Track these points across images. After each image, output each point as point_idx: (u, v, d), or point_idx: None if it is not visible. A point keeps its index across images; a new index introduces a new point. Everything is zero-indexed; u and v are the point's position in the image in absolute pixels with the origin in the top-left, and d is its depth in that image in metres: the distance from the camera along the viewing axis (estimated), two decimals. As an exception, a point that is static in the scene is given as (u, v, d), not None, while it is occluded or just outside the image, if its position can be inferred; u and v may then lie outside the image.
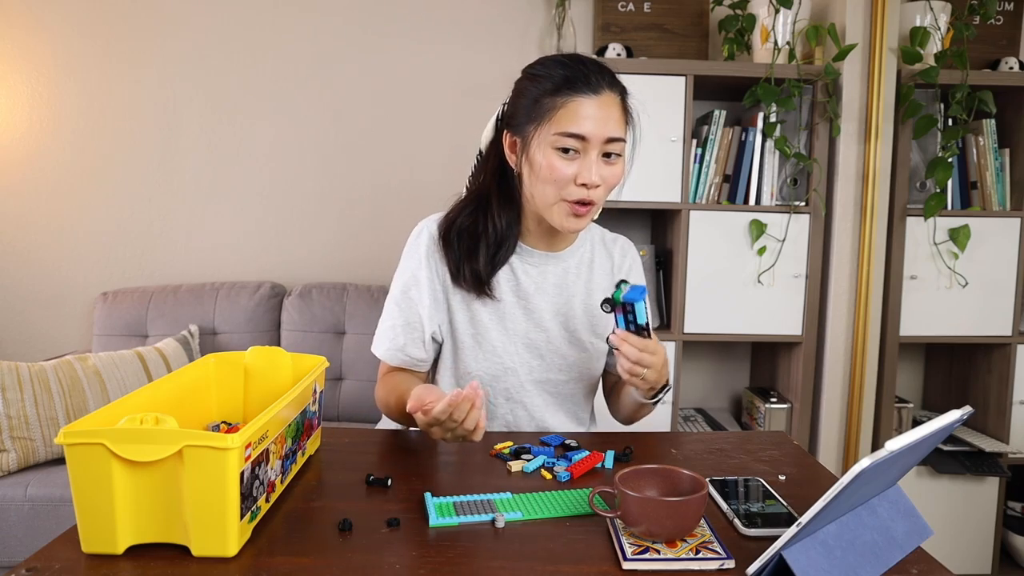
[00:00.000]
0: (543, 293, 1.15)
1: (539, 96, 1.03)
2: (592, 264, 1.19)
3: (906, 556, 0.70)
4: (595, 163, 1.01)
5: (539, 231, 1.14)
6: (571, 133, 1.00)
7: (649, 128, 1.97)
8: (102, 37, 2.35)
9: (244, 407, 0.99)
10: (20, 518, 1.67)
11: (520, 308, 1.14)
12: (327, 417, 2.20)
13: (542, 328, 1.14)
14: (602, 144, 1.01)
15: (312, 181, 2.43)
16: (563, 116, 1.01)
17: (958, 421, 0.68)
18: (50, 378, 1.79)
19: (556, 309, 1.15)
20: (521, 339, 1.14)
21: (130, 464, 0.67)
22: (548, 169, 1.02)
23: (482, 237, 1.10)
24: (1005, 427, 2.10)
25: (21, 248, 2.40)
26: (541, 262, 1.15)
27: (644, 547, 0.70)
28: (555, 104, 1.01)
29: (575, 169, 1.02)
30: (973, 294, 2.06)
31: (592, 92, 1.01)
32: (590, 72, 1.02)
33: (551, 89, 1.02)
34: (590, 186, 1.02)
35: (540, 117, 1.02)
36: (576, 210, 1.04)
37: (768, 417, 2.12)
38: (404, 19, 2.38)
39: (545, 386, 1.16)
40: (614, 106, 1.03)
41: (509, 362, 1.14)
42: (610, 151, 1.03)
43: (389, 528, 0.76)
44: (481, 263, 1.09)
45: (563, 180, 1.02)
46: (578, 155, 1.02)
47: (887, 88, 1.96)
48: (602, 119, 1.01)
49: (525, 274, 1.14)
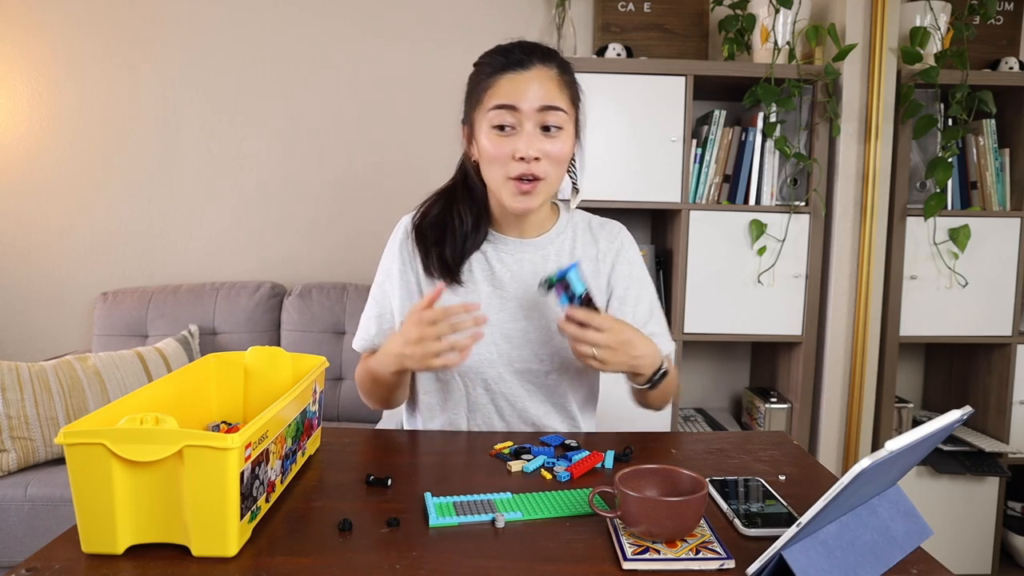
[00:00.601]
0: (519, 281, 1.14)
1: (478, 82, 1.07)
2: (574, 252, 1.18)
3: (906, 556, 0.70)
4: (531, 135, 1.03)
5: (508, 218, 1.15)
6: (501, 105, 1.03)
7: (649, 128, 2.00)
8: (102, 37, 2.35)
9: (244, 407, 0.99)
10: (20, 518, 1.67)
11: (496, 298, 1.14)
12: (327, 417, 2.20)
13: (518, 318, 1.14)
14: (536, 114, 1.03)
15: (312, 181, 2.43)
16: (494, 93, 1.04)
17: (958, 421, 0.68)
18: (50, 378, 1.79)
19: (534, 298, 1.14)
20: (498, 329, 1.13)
21: (130, 464, 0.67)
22: (488, 148, 1.05)
23: (449, 226, 1.13)
24: (1005, 427, 2.10)
25: (21, 248, 2.40)
26: (516, 250, 1.16)
27: (644, 547, 0.70)
28: (489, 84, 1.05)
29: (513, 143, 1.03)
30: (973, 294, 2.06)
31: (521, 67, 1.04)
32: (521, 51, 1.05)
33: (488, 73, 1.06)
34: (528, 159, 1.03)
35: (479, 102, 1.06)
36: (521, 187, 1.05)
37: (768, 417, 2.12)
38: (404, 19, 2.38)
39: (526, 376, 1.15)
40: (547, 79, 1.04)
41: (486, 352, 1.13)
42: (548, 123, 1.04)
43: (389, 528, 0.76)
44: (448, 252, 1.12)
45: (503, 157, 1.04)
46: (515, 131, 1.03)
47: (887, 88, 1.96)
48: (532, 90, 1.03)
49: (500, 262, 1.15)
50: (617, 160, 2.00)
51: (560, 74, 1.06)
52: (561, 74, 1.06)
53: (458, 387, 1.16)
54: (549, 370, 1.15)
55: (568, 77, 1.08)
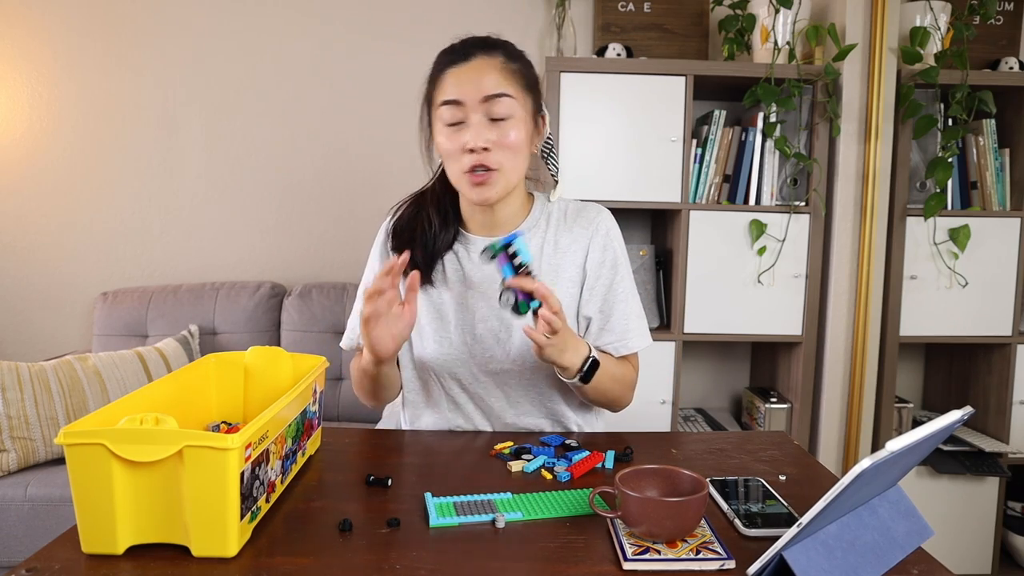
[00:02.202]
0: (489, 281, 1.12)
1: (428, 83, 1.09)
2: (555, 245, 1.14)
3: (906, 556, 0.70)
4: (477, 126, 1.02)
5: (477, 217, 1.15)
6: (446, 101, 1.03)
7: (649, 128, 2.00)
8: (102, 37, 2.35)
9: (244, 407, 0.99)
10: (20, 518, 1.67)
11: (470, 297, 1.13)
12: (327, 417, 2.20)
13: (491, 316, 1.12)
14: (481, 105, 1.02)
15: (312, 181, 2.43)
16: (441, 91, 1.05)
17: (958, 421, 0.68)
18: (50, 378, 1.79)
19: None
20: (470, 329, 1.13)
21: (130, 464, 0.67)
22: (444, 144, 1.05)
23: (419, 229, 1.14)
24: (1005, 427, 2.10)
25: (21, 248, 2.40)
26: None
27: (644, 547, 0.70)
28: (436, 84, 1.06)
29: (463, 138, 1.03)
30: (973, 294, 2.06)
31: (462, 60, 1.04)
32: (463, 45, 1.06)
33: (435, 73, 1.08)
34: (477, 150, 1.02)
35: (431, 102, 1.08)
36: (474, 178, 1.04)
37: (768, 417, 2.12)
38: (404, 21, 2.38)
39: (501, 376, 1.13)
40: (489, 68, 1.03)
41: (456, 352, 1.13)
42: (495, 113, 1.02)
43: (389, 528, 0.76)
44: (419, 254, 1.12)
45: (455, 151, 1.04)
46: (463, 124, 1.03)
47: (887, 88, 1.96)
48: (473, 80, 1.02)
49: (469, 262, 1.14)
50: (617, 160, 2.00)
51: (505, 61, 1.05)
52: (507, 61, 1.05)
53: (436, 386, 1.17)
54: (523, 369, 1.12)
55: (516, 64, 1.06)
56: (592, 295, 1.14)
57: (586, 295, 1.14)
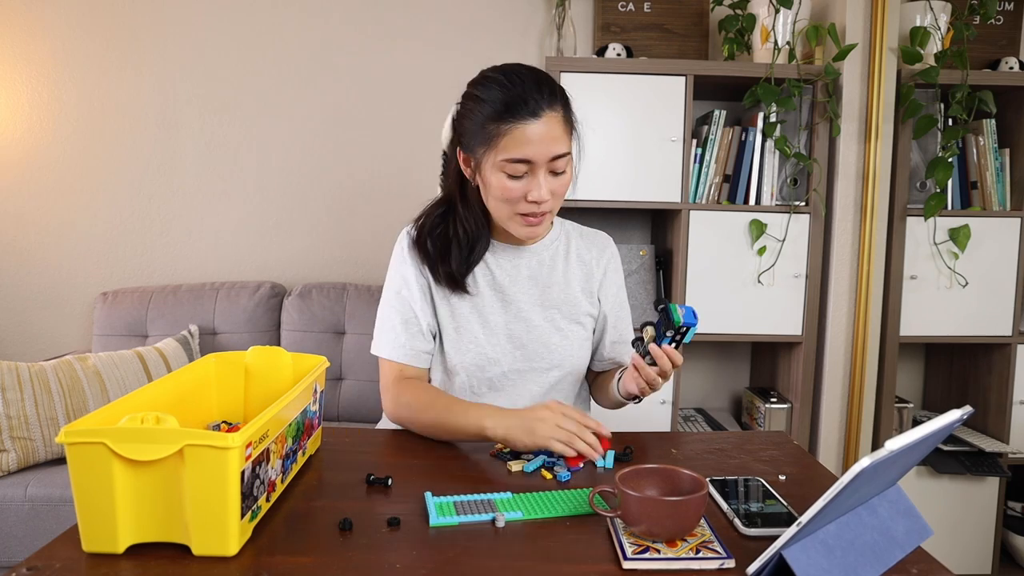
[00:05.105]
0: (518, 285, 1.20)
1: (484, 122, 1.04)
2: (568, 255, 1.25)
3: (906, 556, 0.70)
4: (543, 181, 1.06)
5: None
6: (517, 159, 1.03)
7: (649, 128, 2.00)
8: (102, 37, 2.35)
9: (244, 407, 0.99)
10: (20, 518, 1.67)
11: (498, 301, 1.19)
12: (327, 417, 2.20)
13: (520, 319, 1.19)
14: (548, 163, 1.05)
15: (312, 181, 2.43)
16: (508, 144, 1.03)
17: (958, 421, 0.68)
18: (50, 378, 1.79)
19: (533, 300, 1.20)
20: (502, 331, 1.19)
21: (131, 463, 0.67)
22: (499, 190, 1.07)
23: (453, 240, 1.16)
24: (1005, 427, 2.10)
25: (21, 248, 2.40)
26: (514, 256, 1.21)
27: (644, 547, 0.71)
28: (499, 131, 1.03)
29: (525, 187, 1.06)
30: (973, 294, 2.06)
31: (532, 116, 1.02)
32: (528, 94, 1.03)
33: (493, 115, 1.03)
34: (540, 202, 1.07)
35: (487, 143, 1.05)
36: (530, 221, 1.10)
37: (768, 417, 2.12)
38: (404, 19, 2.38)
39: (528, 376, 1.20)
40: (556, 124, 1.04)
41: (491, 353, 1.18)
42: (557, 168, 1.07)
43: (389, 528, 0.76)
44: (454, 264, 1.15)
45: (515, 199, 1.07)
46: (527, 174, 1.05)
47: (887, 88, 1.96)
48: (545, 141, 1.03)
49: (499, 268, 1.20)
50: (617, 160, 2.01)
51: (564, 112, 1.07)
52: (565, 112, 1.07)
53: (464, 386, 1.19)
54: (550, 368, 1.20)
55: (569, 112, 1.09)
56: (615, 322, 1.28)
57: (604, 319, 1.28)
